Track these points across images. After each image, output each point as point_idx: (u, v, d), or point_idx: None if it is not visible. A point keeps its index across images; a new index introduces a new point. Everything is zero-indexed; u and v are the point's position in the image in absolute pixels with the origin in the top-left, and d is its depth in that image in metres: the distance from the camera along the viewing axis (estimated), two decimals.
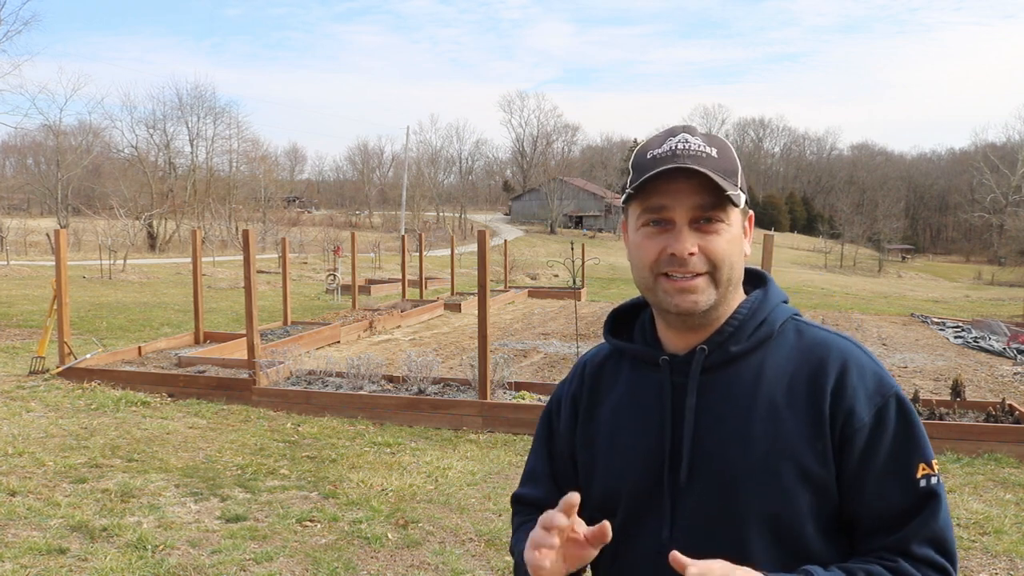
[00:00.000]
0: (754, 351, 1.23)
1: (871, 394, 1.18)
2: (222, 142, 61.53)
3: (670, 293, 1.19)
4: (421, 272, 19.76)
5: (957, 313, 23.17)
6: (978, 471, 6.24)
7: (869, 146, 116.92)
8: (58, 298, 9.34)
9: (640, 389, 1.28)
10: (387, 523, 4.93)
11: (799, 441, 1.16)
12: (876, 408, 1.17)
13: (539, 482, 1.41)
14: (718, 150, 1.20)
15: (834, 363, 1.20)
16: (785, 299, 1.30)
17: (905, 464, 1.17)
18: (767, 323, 1.24)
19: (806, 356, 1.22)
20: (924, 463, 1.18)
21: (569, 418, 1.37)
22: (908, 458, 1.17)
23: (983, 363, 12.19)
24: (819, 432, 1.16)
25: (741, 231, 1.23)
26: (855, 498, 1.18)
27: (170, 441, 6.63)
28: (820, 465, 1.16)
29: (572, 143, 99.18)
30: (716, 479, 1.18)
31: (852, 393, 1.17)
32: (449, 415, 7.58)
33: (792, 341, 1.24)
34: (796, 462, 1.16)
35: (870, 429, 1.17)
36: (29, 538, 4.46)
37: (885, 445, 1.17)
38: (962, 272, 65.15)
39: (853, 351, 1.22)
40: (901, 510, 1.17)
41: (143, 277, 25.98)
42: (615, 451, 1.27)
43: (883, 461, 1.17)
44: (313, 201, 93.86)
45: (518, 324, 15.90)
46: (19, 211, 58.75)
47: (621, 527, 1.26)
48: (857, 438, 1.16)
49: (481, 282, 7.72)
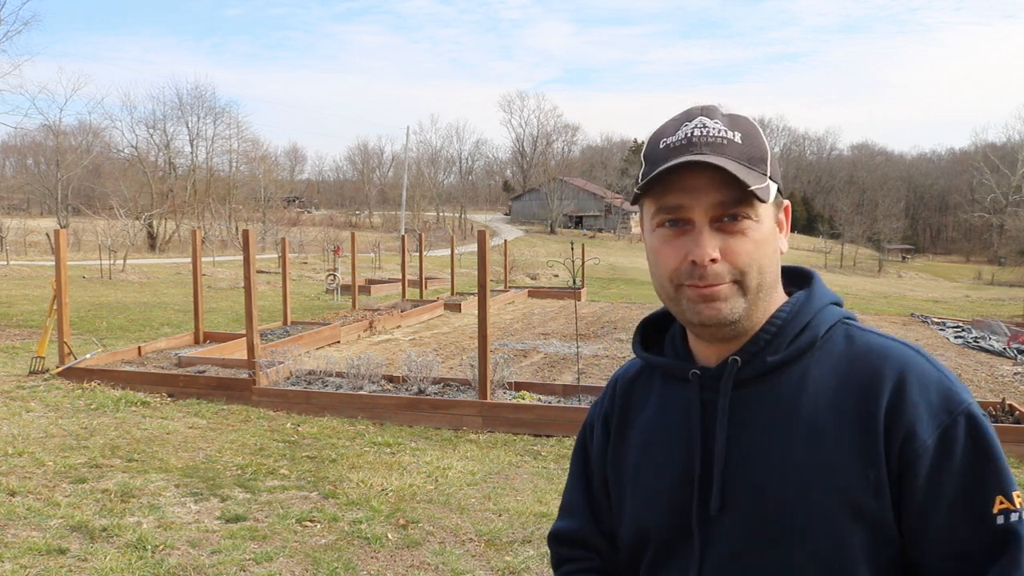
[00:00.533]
0: (795, 361, 1.06)
1: (936, 411, 0.99)
2: (222, 142, 61.64)
3: (693, 301, 1.04)
4: (421, 272, 19.76)
5: (957, 313, 23.18)
6: None
7: (869, 146, 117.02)
8: (58, 298, 9.33)
9: (670, 407, 1.14)
10: (387, 523, 4.93)
11: (848, 469, 0.99)
12: (942, 428, 0.98)
13: (575, 515, 1.27)
14: (743, 134, 1.04)
15: (891, 374, 1.01)
16: (836, 300, 1.13)
17: (978, 497, 0.98)
18: (810, 328, 1.07)
19: (857, 366, 1.04)
20: (1003, 495, 0.97)
21: (601, 439, 1.24)
22: (983, 489, 0.98)
23: (983, 363, 12.19)
24: (872, 458, 0.99)
25: (773, 227, 1.07)
26: (917, 538, 0.99)
27: (170, 441, 6.63)
28: (874, 497, 0.98)
29: (572, 143, 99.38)
30: (751, 512, 1.03)
31: (912, 410, 0.99)
32: (449, 415, 7.57)
33: (841, 349, 1.06)
34: (844, 494, 0.99)
35: (934, 453, 0.98)
36: (29, 538, 4.46)
37: (953, 473, 0.98)
38: (962, 272, 65.18)
39: (915, 360, 1.03)
40: (974, 554, 0.97)
41: (143, 277, 25.98)
42: (644, 481, 1.14)
43: (950, 493, 0.98)
44: (313, 201, 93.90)
45: (518, 324, 15.90)
46: (19, 211, 58.78)
47: (649, 565, 1.13)
48: (919, 464, 0.98)
49: (481, 282, 7.72)
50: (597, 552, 1.24)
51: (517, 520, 5.04)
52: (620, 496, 1.18)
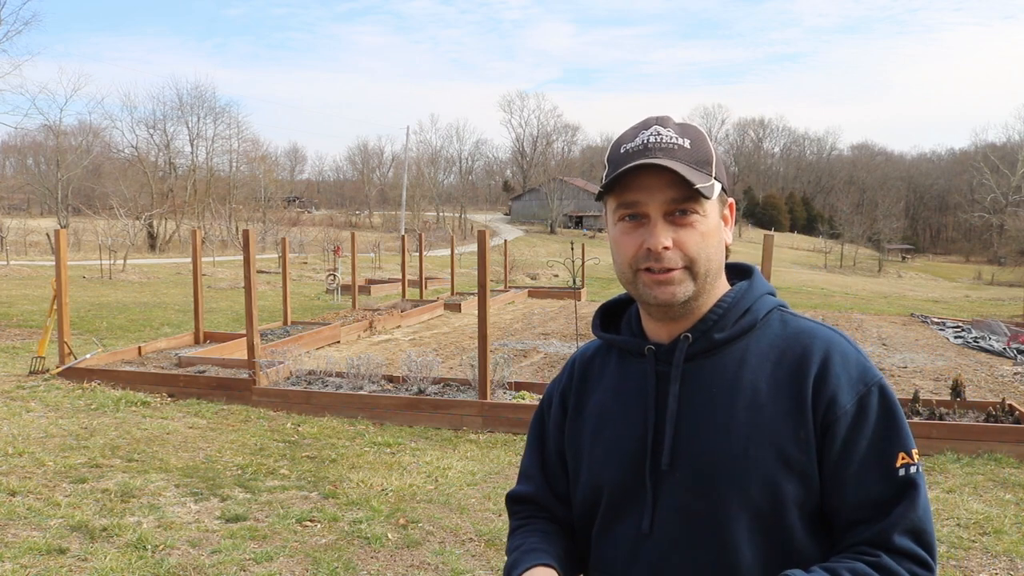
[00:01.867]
0: (737, 339, 1.22)
1: (854, 382, 1.17)
2: (222, 142, 61.58)
3: (649, 286, 1.20)
4: (421, 272, 19.75)
5: (957, 313, 23.18)
6: (978, 471, 6.24)
7: (869, 146, 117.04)
8: (58, 298, 9.34)
9: (626, 380, 1.28)
10: (387, 523, 4.93)
11: (781, 428, 1.16)
12: (859, 396, 1.16)
13: (531, 479, 1.42)
14: (691, 140, 1.19)
15: (818, 351, 1.19)
16: (771, 291, 1.30)
17: (886, 453, 1.16)
18: (751, 312, 1.24)
19: (790, 344, 1.21)
20: (904, 452, 1.16)
21: (559, 414, 1.38)
22: (889, 447, 1.16)
23: (983, 363, 12.19)
24: (801, 419, 1.15)
25: (719, 221, 1.23)
26: (836, 488, 1.16)
27: (170, 441, 6.63)
28: (802, 452, 1.15)
29: (572, 143, 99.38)
30: (697, 467, 1.17)
31: (835, 381, 1.17)
32: (449, 415, 7.58)
33: (776, 330, 1.23)
34: (777, 449, 1.15)
35: (852, 417, 1.16)
36: (29, 538, 4.46)
37: (866, 434, 1.16)
38: (962, 272, 65.13)
39: (837, 340, 1.21)
40: (880, 500, 1.15)
41: (143, 277, 25.99)
42: (600, 442, 1.28)
43: (864, 450, 1.16)
44: (313, 201, 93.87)
45: (518, 324, 15.90)
46: (19, 211, 58.78)
47: (603, 518, 1.27)
48: (838, 425, 1.15)
49: (481, 282, 7.72)
50: (547, 510, 1.40)
51: None
52: (577, 462, 1.32)
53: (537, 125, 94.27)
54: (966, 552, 4.68)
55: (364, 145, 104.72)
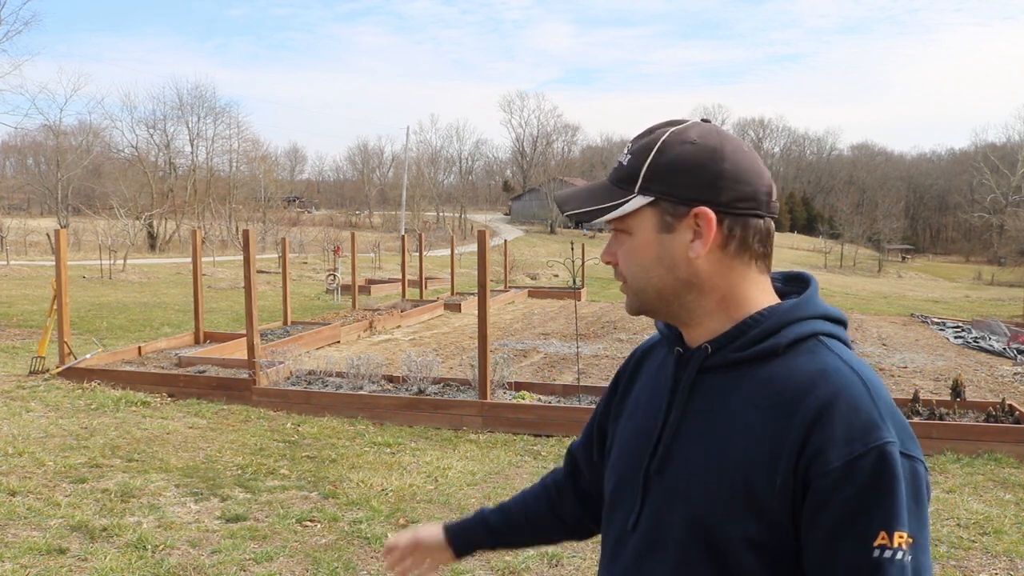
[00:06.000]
0: (753, 362, 1.13)
1: (852, 439, 1.01)
2: (222, 142, 61.48)
3: None
4: (421, 272, 19.76)
5: (957, 313, 23.18)
6: (978, 471, 6.24)
7: (869, 146, 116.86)
8: (58, 298, 9.34)
9: (660, 375, 1.27)
10: (387, 523, 4.93)
11: (758, 463, 1.05)
12: (852, 456, 1.00)
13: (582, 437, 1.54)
14: (632, 156, 1.16)
15: (824, 391, 1.04)
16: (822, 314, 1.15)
17: (863, 526, 0.99)
18: (775, 337, 1.12)
19: (801, 379, 1.07)
20: (886, 532, 0.98)
21: (610, 394, 1.42)
22: (868, 522, 0.99)
23: (983, 363, 12.19)
24: (780, 465, 1.03)
25: (652, 238, 1.15)
26: (806, 553, 1.04)
27: (170, 441, 6.63)
28: (771, 497, 1.04)
29: (572, 143, 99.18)
30: (673, 481, 1.15)
31: (829, 432, 1.01)
32: (449, 415, 7.57)
33: (800, 362, 1.10)
34: (746, 482, 1.05)
35: (837, 478, 1.00)
36: (29, 538, 4.46)
37: (847, 499, 0.99)
38: (962, 272, 65.14)
39: (852, 387, 1.05)
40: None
41: (143, 277, 25.99)
42: (625, 431, 1.30)
43: (840, 517, 1.00)
44: (313, 201, 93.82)
45: (518, 324, 15.90)
46: (19, 211, 58.75)
47: (608, 504, 1.30)
48: (819, 483, 1.01)
49: (481, 282, 7.72)
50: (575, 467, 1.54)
51: None
52: (611, 444, 1.35)
53: (537, 125, 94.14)
54: (966, 552, 4.68)
55: (364, 145, 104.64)
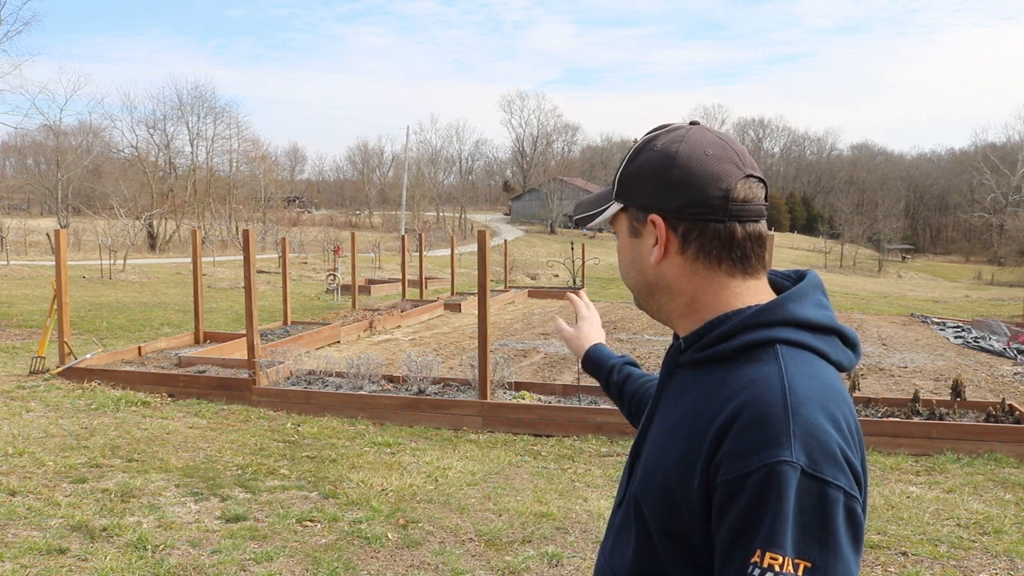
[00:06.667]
0: (708, 363, 1.11)
1: (750, 451, 0.97)
2: (222, 142, 61.50)
3: None
4: (421, 272, 19.76)
5: (957, 313, 23.18)
6: (978, 471, 6.24)
7: (869, 146, 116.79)
8: (58, 298, 9.34)
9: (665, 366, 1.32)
10: (387, 523, 4.93)
11: (684, 462, 1.04)
12: (746, 470, 0.96)
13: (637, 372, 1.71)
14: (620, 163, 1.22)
15: (740, 401, 1.01)
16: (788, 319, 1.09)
17: (746, 542, 0.95)
18: (727, 342, 1.09)
19: (734, 387, 1.04)
20: (761, 550, 0.93)
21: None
22: (752, 536, 0.95)
23: (983, 363, 12.19)
24: (697, 468, 1.02)
25: (629, 240, 1.20)
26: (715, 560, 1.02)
27: (170, 441, 6.63)
28: (688, 498, 1.03)
29: (572, 143, 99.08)
30: (639, 472, 1.16)
31: (732, 443, 0.99)
32: (449, 415, 7.57)
33: (744, 370, 1.06)
34: (670, 479, 1.06)
35: (731, 490, 0.97)
36: (29, 538, 4.46)
37: (737, 513, 0.96)
38: (962, 272, 65.12)
39: (771, 400, 0.99)
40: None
41: (143, 277, 25.99)
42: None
43: (732, 528, 0.97)
44: (313, 201, 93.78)
45: (518, 324, 15.90)
46: (19, 211, 58.73)
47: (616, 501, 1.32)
48: (719, 492, 0.99)
49: (481, 282, 7.72)
50: None
51: (517, 520, 5.04)
52: None
53: (537, 125, 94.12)
54: (966, 552, 4.68)
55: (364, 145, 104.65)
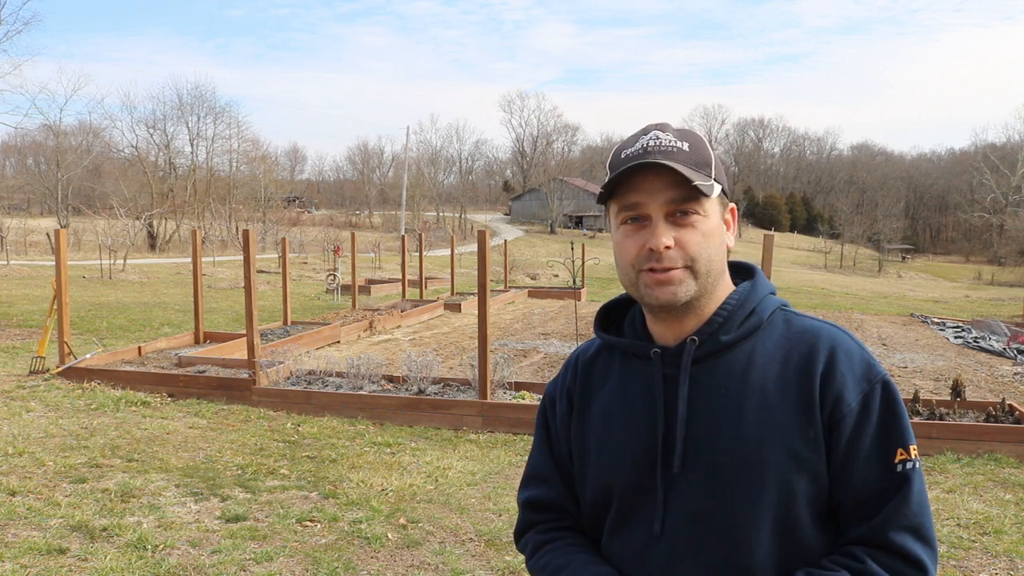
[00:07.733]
0: (744, 340, 1.23)
1: (859, 380, 1.19)
2: (222, 142, 61.55)
3: (651, 286, 1.20)
4: (421, 272, 19.76)
5: (957, 313, 23.17)
6: (978, 471, 6.24)
7: (869, 146, 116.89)
8: (58, 298, 9.34)
9: (631, 383, 1.28)
10: (387, 523, 4.93)
11: (790, 427, 1.17)
12: (863, 394, 1.19)
13: (550, 483, 1.37)
14: (690, 144, 1.21)
15: (823, 349, 1.21)
16: (773, 290, 1.31)
17: (885, 450, 1.18)
18: (756, 312, 1.25)
19: (795, 343, 1.22)
20: (902, 448, 1.19)
21: (565, 413, 1.37)
22: (888, 444, 1.18)
23: (983, 363, 12.19)
24: (810, 418, 1.17)
25: (719, 222, 1.24)
26: (840, 484, 1.19)
27: (170, 441, 6.63)
28: (811, 451, 1.17)
29: (572, 143, 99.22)
30: (711, 469, 1.18)
31: (841, 379, 1.18)
32: (449, 415, 7.57)
33: (781, 330, 1.25)
34: (789, 448, 1.17)
35: (857, 415, 1.18)
36: (29, 538, 4.46)
37: (869, 431, 1.18)
38: (962, 272, 65.10)
39: (841, 338, 1.23)
40: (876, 496, 1.18)
41: (143, 277, 25.98)
42: (608, 445, 1.28)
43: (866, 447, 1.18)
44: (313, 201, 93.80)
45: (518, 324, 15.90)
46: (19, 211, 58.71)
47: (612, 521, 1.27)
48: (845, 423, 1.17)
49: (481, 282, 7.72)
50: (572, 516, 1.37)
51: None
52: (583, 462, 1.32)
53: (537, 125, 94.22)
54: (966, 552, 4.68)
55: (364, 145, 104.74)
